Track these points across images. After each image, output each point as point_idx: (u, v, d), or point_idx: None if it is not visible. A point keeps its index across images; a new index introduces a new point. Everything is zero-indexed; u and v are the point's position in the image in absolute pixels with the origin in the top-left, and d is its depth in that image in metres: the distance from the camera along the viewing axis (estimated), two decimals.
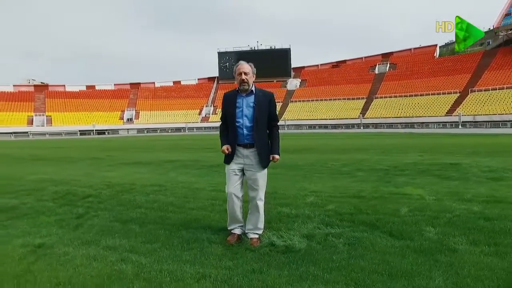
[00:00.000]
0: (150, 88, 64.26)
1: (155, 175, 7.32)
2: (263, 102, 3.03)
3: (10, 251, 3.06)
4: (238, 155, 3.02)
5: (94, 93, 60.71)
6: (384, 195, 4.63)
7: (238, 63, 3.02)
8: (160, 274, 2.46)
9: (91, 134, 48.99)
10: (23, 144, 25.30)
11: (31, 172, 8.23)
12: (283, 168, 7.57)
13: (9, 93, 56.09)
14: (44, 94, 57.97)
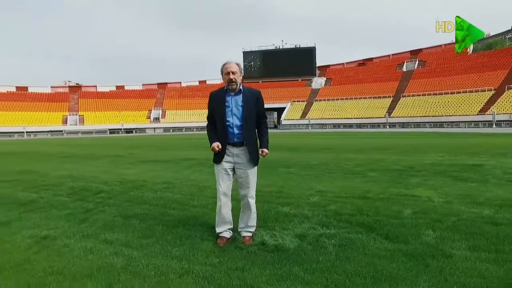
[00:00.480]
0: (177, 87, 65.63)
1: (169, 172, 7.49)
2: (251, 101, 3.03)
3: (18, 241, 3.26)
4: (228, 154, 3.03)
5: (123, 93, 62.84)
6: (391, 196, 4.50)
7: (225, 62, 3.01)
8: (147, 268, 2.53)
9: (119, 132, 50.76)
10: (56, 142, 26.63)
11: (56, 168, 8.68)
12: (296, 168, 7.52)
13: (47, 94, 59.22)
14: (78, 94, 60.72)
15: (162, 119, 57.41)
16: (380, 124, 41.41)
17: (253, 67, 59.70)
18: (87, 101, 59.29)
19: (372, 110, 44.60)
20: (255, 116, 3.06)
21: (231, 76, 2.92)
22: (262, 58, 58.86)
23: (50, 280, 2.41)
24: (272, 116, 60.38)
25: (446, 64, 47.29)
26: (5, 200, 5.14)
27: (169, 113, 58.52)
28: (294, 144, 15.30)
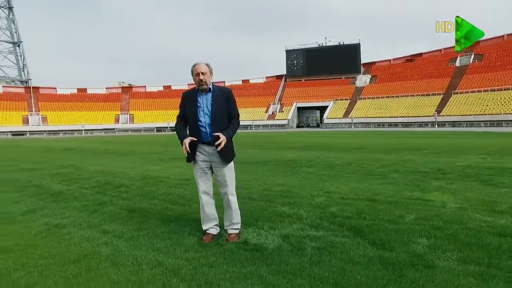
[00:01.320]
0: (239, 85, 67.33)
1: (190, 169, 7.72)
2: (221, 100, 3.04)
3: (34, 228, 3.62)
4: (204, 153, 3.06)
5: (170, 92, 65.73)
6: (400, 200, 4.25)
7: (194, 63, 3.02)
8: (126, 258, 2.68)
9: (165, 130, 53.20)
10: (106, 139, 28.68)
11: (94, 163, 9.39)
12: (317, 168, 7.39)
13: (103, 95, 63.98)
14: (129, 95, 64.76)
15: None
16: (428, 123, 38.86)
17: (296, 65, 59.11)
18: (137, 101, 62.95)
19: (420, 108, 41.97)
20: (226, 115, 3.06)
21: (201, 76, 2.94)
22: (305, 56, 57.97)
23: (41, 263, 2.65)
24: (314, 114, 59.44)
25: (508, 57, 43.02)
26: (41, 190, 5.71)
27: None
28: (327, 143, 14.96)
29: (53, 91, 61.67)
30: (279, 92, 60.40)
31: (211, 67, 3.07)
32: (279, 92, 60.40)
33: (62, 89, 62.42)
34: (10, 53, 76.17)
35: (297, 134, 26.88)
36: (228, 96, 3.12)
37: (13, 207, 4.56)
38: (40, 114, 54.94)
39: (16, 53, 76.33)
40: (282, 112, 54.55)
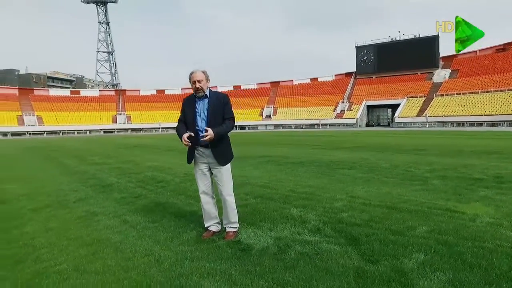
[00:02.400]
0: (289, 85, 67.31)
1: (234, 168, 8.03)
2: (217, 105, 3.16)
3: (75, 214, 4.24)
4: (202, 156, 3.23)
5: (239, 92, 68.13)
6: (425, 209, 3.91)
7: (191, 71, 3.19)
8: (128, 246, 3.02)
9: (234, 129, 55.35)
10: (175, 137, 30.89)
11: (151, 160, 10.34)
12: (357, 170, 7.08)
13: (177, 95, 69.17)
14: None
15: (273, 116, 59.87)
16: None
17: (367, 62, 56.21)
18: None
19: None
20: (222, 119, 3.18)
21: (197, 84, 3.12)
22: (376, 52, 54.74)
23: (63, 243, 3.14)
24: (385, 113, 55.84)
25: None
26: (97, 182, 6.55)
27: (280, 111, 60.58)
28: (386, 144, 14.02)
29: (136, 93, 68.58)
30: (348, 90, 58.19)
31: (207, 75, 3.23)
32: (348, 90, 58.19)
33: (144, 90, 69.02)
34: (106, 61, 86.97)
35: (361, 134, 25.65)
36: (224, 101, 3.25)
37: (71, 195, 5.34)
38: (126, 113, 61.60)
39: (110, 61, 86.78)
40: (350, 110, 52.48)
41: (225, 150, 3.27)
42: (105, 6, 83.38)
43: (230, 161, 3.32)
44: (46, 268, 2.65)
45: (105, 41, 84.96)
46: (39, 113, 56.10)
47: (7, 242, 3.28)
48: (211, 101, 3.19)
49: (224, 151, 3.25)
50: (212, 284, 2.27)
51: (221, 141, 3.22)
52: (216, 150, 3.18)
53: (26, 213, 4.37)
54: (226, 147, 3.29)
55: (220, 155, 3.19)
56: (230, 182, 3.30)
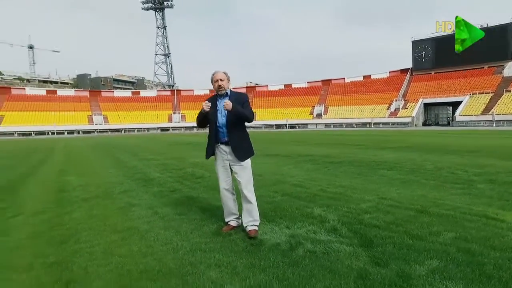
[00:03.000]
0: (340, 84, 65.56)
1: (270, 166, 8.16)
2: (238, 103, 3.25)
3: (117, 204, 4.67)
4: (222, 152, 3.36)
5: (290, 91, 67.98)
6: (458, 214, 3.66)
7: (213, 72, 3.34)
8: (152, 235, 3.28)
9: (284, 128, 55.35)
10: None
11: (196, 156, 10.83)
12: (397, 171, 6.76)
13: None
14: (253, 94, 69.90)
15: (324, 115, 58.79)
16: None
17: (424, 57, 52.56)
18: (260, 99, 67.29)
19: None
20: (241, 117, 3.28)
21: (219, 82, 3.27)
22: (435, 46, 50.77)
23: (101, 230, 3.51)
24: (445, 111, 51.69)
25: None
26: (142, 176, 7.09)
27: (331, 109, 59.30)
28: (438, 144, 13.02)
29: (190, 93, 71.71)
30: (403, 88, 54.98)
31: (228, 75, 3.39)
32: (403, 88, 54.98)
33: (198, 90, 71.87)
34: (163, 63, 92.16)
35: (415, 133, 24.10)
36: (243, 100, 3.37)
37: (116, 188, 5.88)
38: (180, 112, 64.82)
39: (167, 63, 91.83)
40: (406, 109, 49.57)
41: (245, 147, 3.37)
42: (162, 12, 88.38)
43: (250, 157, 3.41)
44: (82, 248, 3.00)
45: (162, 44, 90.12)
46: (105, 113, 61.38)
47: (59, 225, 3.75)
48: (231, 99, 3.30)
49: (244, 147, 3.35)
50: (215, 274, 2.41)
51: (239, 137, 3.34)
52: (235, 146, 3.29)
53: (77, 201, 4.92)
54: (245, 143, 3.39)
55: (240, 151, 3.30)
56: (250, 179, 3.38)
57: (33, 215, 4.22)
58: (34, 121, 53.95)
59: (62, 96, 63.84)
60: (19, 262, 2.77)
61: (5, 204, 4.89)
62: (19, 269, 2.65)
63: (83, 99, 64.63)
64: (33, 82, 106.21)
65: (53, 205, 4.72)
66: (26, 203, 4.91)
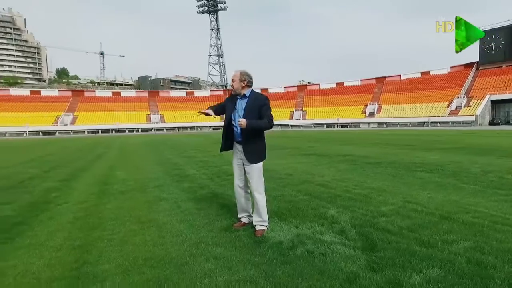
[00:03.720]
0: (396, 81, 62.20)
1: (304, 165, 8.10)
2: (255, 106, 3.29)
3: (148, 197, 5.05)
4: (236, 151, 3.46)
5: (342, 89, 66.16)
6: (486, 223, 3.35)
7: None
8: (167, 227, 3.52)
9: (334, 127, 54.01)
10: (277, 135, 31.95)
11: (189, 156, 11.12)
12: (437, 174, 6.32)
13: (280, 93, 71.12)
14: (304, 92, 69.26)
15: (377, 114, 56.29)
16: None
17: (494, 49, 47.58)
18: (311, 98, 66.45)
19: None
20: (257, 119, 3.28)
21: (232, 83, 3.39)
22: (508, 36, 45.74)
23: (125, 220, 3.85)
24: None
25: None
26: (179, 172, 7.52)
27: (385, 108, 56.57)
28: (495, 145, 11.74)
29: None
30: (467, 83, 50.40)
31: (243, 77, 3.35)
32: (467, 83, 50.40)
33: None
34: (216, 64, 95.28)
35: (475, 133, 21.95)
36: (263, 105, 3.35)
37: (152, 182, 6.32)
38: None
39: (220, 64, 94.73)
40: (468, 106, 45.44)
41: (257, 150, 3.39)
42: (216, 14, 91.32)
43: (262, 161, 3.42)
44: (105, 235, 3.34)
45: (216, 45, 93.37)
46: (162, 112, 65.18)
47: (93, 214, 4.18)
48: (249, 101, 3.36)
49: (255, 150, 3.38)
50: (210, 266, 2.54)
51: (252, 140, 3.35)
52: (247, 148, 3.33)
53: (115, 194, 5.40)
54: (258, 146, 3.41)
55: (251, 154, 3.34)
56: (260, 180, 3.40)
57: (76, 204, 4.74)
58: (101, 120, 59.23)
59: (124, 97, 69.23)
60: (53, 243, 3.17)
61: (58, 193, 5.54)
62: (51, 248, 3.04)
63: (143, 99, 69.33)
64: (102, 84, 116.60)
65: (95, 196, 5.24)
66: (74, 193, 5.52)
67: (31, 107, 60.17)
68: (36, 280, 2.44)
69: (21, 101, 62.06)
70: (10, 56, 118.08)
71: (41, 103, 62.09)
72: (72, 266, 2.64)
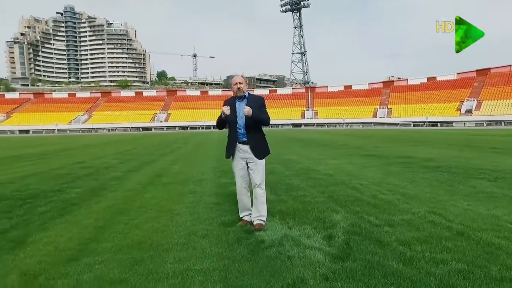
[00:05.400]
0: (504, 72, 53.28)
1: (351, 166, 7.79)
2: (254, 105, 3.47)
3: (182, 190, 5.59)
4: (240, 151, 3.61)
5: (433, 84, 59.59)
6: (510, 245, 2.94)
7: (232, 75, 3.63)
8: (179, 217, 3.92)
9: (423, 125, 49.10)
10: (351, 132, 30.67)
11: (291, 153, 11.22)
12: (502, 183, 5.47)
13: (364, 91, 67.62)
14: (390, 89, 64.55)
15: (475, 111, 49.37)
16: None
17: None
18: (398, 95, 61.62)
19: None
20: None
21: (239, 85, 3.54)
22: None
23: (150, 208, 4.39)
24: None
25: None
26: (228, 168, 7.93)
27: (486, 104, 49.27)
28: None
29: (324, 89, 71.75)
30: None
31: (246, 79, 3.66)
32: None
33: (332, 87, 71.24)
34: (299, 62, 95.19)
35: None
36: (260, 103, 3.60)
37: (196, 177, 6.89)
38: (313, 109, 65.63)
39: (302, 61, 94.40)
40: None
41: (261, 146, 3.62)
42: (299, 12, 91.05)
43: (266, 156, 3.63)
44: (125, 220, 3.88)
45: (299, 43, 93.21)
46: None
47: (131, 201, 4.84)
48: (248, 102, 3.56)
49: (261, 147, 3.60)
50: (185, 255, 2.81)
51: (258, 140, 3.60)
52: (253, 146, 3.54)
53: (159, 185, 6.09)
54: (262, 143, 3.64)
55: (258, 150, 3.56)
56: (263, 176, 3.59)
57: (123, 192, 5.53)
58: (190, 118, 64.74)
59: (211, 96, 74.22)
60: (84, 222, 3.84)
61: (116, 182, 6.48)
62: (80, 226, 3.69)
63: (228, 98, 73.18)
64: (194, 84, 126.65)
65: (141, 186, 5.99)
66: (128, 183, 6.38)
67: (134, 106, 69.04)
68: (54, 248, 3.06)
69: (128, 101, 71.65)
70: (124, 63, 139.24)
71: (142, 103, 70.74)
72: (84, 242, 3.21)
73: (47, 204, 4.77)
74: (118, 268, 2.60)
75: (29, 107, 69.05)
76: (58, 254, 2.94)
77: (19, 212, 4.39)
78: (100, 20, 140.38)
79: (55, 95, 76.41)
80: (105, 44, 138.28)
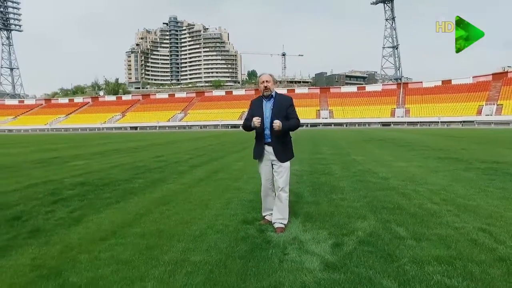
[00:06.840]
0: None
1: (419, 170, 7.01)
2: (281, 106, 3.48)
3: (223, 186, 5.86)
4: (266, 152, 3.62)
5: None
6: None
7: (260, 74, 3.60)
8: (204, 210, 4.20)
9: None
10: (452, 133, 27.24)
11: (361, 153, 10.65)
12: None
13: (467, 85, 59.19)
14: (501, 81, 55.27)
15: None
16: None
17: None
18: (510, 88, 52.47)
19: None
20: (284, 119, 3.44)
21: (266, 84, 3.52)
22: None
23: (186, 201, 4.78)
24: None
25: None
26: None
27: None
28: None
29: (419, 85, 65.28)
30: None
31: (274, 78, 3.65)
32: None
33: (427, 82, 64.43)
34: (390, 56, 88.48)
35: None
36: (288, 103, 3.57)
37: (250, 174, 7.12)
38: (405, 107, 60.31)
39: (394, 56, 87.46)
40: None
41: (286, 149, 3.61)
42: (391, 3, 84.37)
43: (290, 159, 3.62)
44: (163, 210, 4.30)
45: (391, 36, 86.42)
46: (331, 108, 66.20)
47: (182, 193, 5.30)
48: (276, 101, 3.56)
49: (285, 150, 3.59)
50: (189, 246, 3.04)
51: (282, 140, 3.57)
52: (277, 148, 3.53)
53: (211, 181, 6.46)
54: (287, 146, 3.62)
55: (281, 153, 3.54)
56: (286, 179, 3.56)
57: (178, 185, 6.07)
58: None
59: (298, 94, 74.14)
60: (131, 209, 4.39)
61: (177, 176, 7.10)
62: (127, 213, 4.23)
63: (314, 96, 72.44)
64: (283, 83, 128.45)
65: (195, 181, 6.47)
66: (186, 177, 6.95)
67: (224, 105, 73.39)
68: (96, 229, 3.62)
69: (219, 100, 76.56)
70: (217, 64, 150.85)
71: (232, 101, 74.75)
72: (121, 225, 3.71)
73: (112, 191, 5.57)
74: (131, 251, 2.97)
75: (138, 107, 79.51)
76: (96, 233, 3.48)
77: (91, 196, 5.25)
78: (198, 26, 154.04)
79: (158, 96, 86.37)
80: (201, 47, 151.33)
